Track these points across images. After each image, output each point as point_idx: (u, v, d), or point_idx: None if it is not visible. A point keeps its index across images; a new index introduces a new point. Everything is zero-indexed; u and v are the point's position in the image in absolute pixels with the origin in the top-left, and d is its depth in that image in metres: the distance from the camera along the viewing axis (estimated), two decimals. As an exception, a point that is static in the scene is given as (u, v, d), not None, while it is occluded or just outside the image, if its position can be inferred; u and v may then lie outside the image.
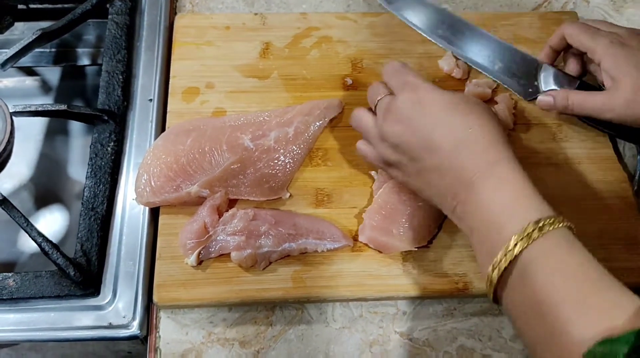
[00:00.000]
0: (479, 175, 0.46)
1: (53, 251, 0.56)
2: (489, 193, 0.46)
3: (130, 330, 0.54)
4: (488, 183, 0.46)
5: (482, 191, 0.46)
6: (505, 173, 0.47)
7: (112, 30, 0.70)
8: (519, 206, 0.45)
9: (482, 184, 0.46)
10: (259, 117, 0.63)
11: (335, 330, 0.56)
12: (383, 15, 0.72)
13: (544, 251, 0.42)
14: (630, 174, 0.64)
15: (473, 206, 0.46)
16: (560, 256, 0.42)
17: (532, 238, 0.42)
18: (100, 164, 0.62)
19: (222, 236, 0.56)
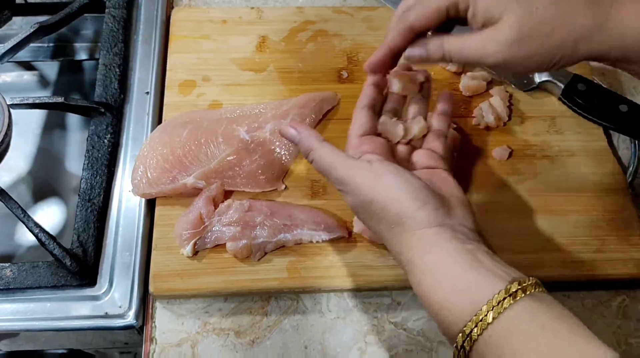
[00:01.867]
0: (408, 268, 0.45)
1: (50, 242, 0.56)
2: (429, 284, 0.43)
3: (126, 319, 0.55)
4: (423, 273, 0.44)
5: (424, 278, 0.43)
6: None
7: (109, 24, 0.70)
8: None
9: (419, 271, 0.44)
10: (255, 109, 0.63)
11: (330, 320, 0.56)
12: (379, 9, 0.72)
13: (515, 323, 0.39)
14: (624, 166, 0.64)
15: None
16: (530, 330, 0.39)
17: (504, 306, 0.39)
18: (97, 156, 0.62)
19: (217, 227, 0.56)
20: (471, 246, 0.43)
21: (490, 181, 0.61)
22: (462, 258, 0.42)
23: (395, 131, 0.52)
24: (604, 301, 0.58)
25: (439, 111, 0.54)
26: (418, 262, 0.44)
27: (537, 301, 0.40)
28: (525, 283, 0.40)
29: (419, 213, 0.44)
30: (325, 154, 0.47)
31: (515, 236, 0.58)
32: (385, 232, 0.46)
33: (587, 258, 0.58)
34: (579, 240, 0.58)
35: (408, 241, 0.44)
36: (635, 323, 0.57)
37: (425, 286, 0.43)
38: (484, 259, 0.42)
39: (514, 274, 0.41)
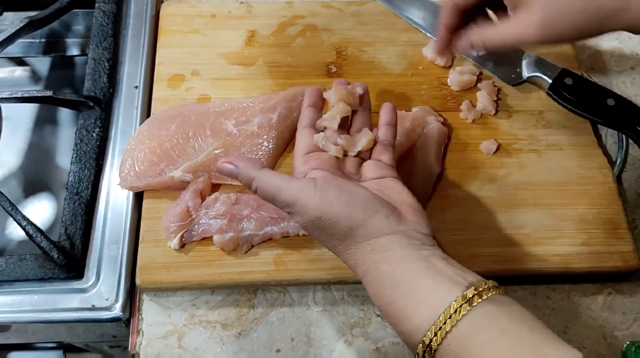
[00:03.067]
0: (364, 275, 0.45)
1: (37, 235, 0.56)
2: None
3: (112, 312, 0.55)
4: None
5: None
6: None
7: (99, 18, 0.70)
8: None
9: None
10: (243, 103, 0.63)
11: (317, 313, 0.56)
12: (368, 3, 0.72)
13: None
14: (611, 160, 0.64)
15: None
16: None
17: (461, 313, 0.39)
18: (85, 149, 0.62)
19: (204, 220, 0.57)
20: (426, 252, 0.43)
21: (478, 174, 0.62)
22: (418, 266, 0.42)
23: (336, 146, 0.51)
24: (589, 294, 0.58)
25: (383, 122, 0.53)
26: (374, 273, 0.44)
27: (495, 304, 0.40)
28: (481, 287, 0.40)
29: (370, 222, 0.44)
30: (268, 179, 0.47)
31: (501, 230, 0.58)
32: (339, 246, 0.46)
33: (573, 251, 0.58)
34: (565, 234, 0.59)
35: (362, 253, 0.44)
36: (621, 316, 0.57)
37: (383, 297, 0.43)
38: (440, 265, 0.42)
39: (470, 278, 0.41)
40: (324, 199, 0.44)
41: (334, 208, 0.44)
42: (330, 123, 0.52)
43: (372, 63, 0.68)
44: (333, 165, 0.50)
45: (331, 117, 0.52)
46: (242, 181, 0.48)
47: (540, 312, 0.57)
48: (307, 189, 0.45)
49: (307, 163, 0.50)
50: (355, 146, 0.52)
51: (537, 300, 0.58)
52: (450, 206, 0.60)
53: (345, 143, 0.51)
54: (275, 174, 0.47)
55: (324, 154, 0.51)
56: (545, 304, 0.58)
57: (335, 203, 0.44)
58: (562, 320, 0.57)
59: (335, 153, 0.51)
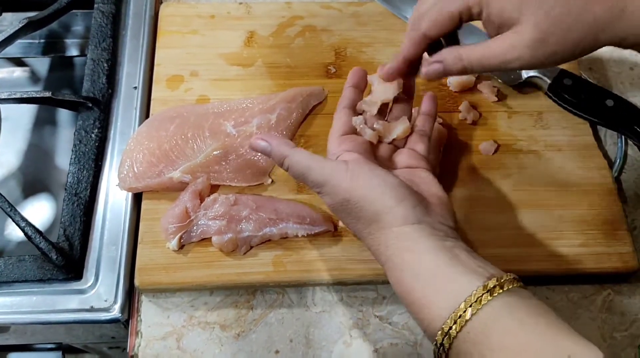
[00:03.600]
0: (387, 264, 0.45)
1: (36, 236, 0.56)
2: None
3: (111, 313, 0.55)
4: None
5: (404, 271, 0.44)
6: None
7: (98, 19, 0.70)
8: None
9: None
10: (242, 104, 0.63)
11: (315, 314, 0.56)
12: (367, 4, 0.72)
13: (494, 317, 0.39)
14: (611, 161, 0.64)
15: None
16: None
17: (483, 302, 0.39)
18: (84, 150, 0.62)
19: (203, 221, 0.56)
20: (450, 243, 0.43)
21: (477, 175, 0.62)
22: (441, 256, 0.42)
23: (372, 130, 0.52)
24: (588, 295, 0.58)
25: (423, 111, 0.54)
26: (396, 260, 0.44)
27: (515, 296, 0.40)
28: (502, 279, 0.40)
29: (397, 210, 0.44)
30: (300, 158, 0.47)
31: (501, 231, 0.58)
32: (364, 230, 0.46)
33: (572, 253, 0.58)
34: (564, 234, 0.58)
35: (385, 239, 0.44)
36: (620, 317, 0.57)
37: (404, 285, 0.43)
38: (463, 256, 0.43)
39: (492, 270, 0.42)
40: (355, 181, 0.45)
41: (363, 191, 0.44)
42: (369, 107, 0.52)
43: (371, 64, 0.68)
44: (367, 150, 0.50)
45: (371, 101, 0.52)
46: (275, 158, 0.48)
47: (539, 313, 0.57)
48: (339, 171, 0.45)
49: (342, 144, 0.50)
50: (391, 133, 0.52)
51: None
52: (449, 207, 0.60)
53: (382, 129, 0.52)
54: (308, 154, 0.47)
55: (359, 137, 0.51)
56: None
57: (365, 187, 0.44)
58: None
59: (371, 137, 0.51)
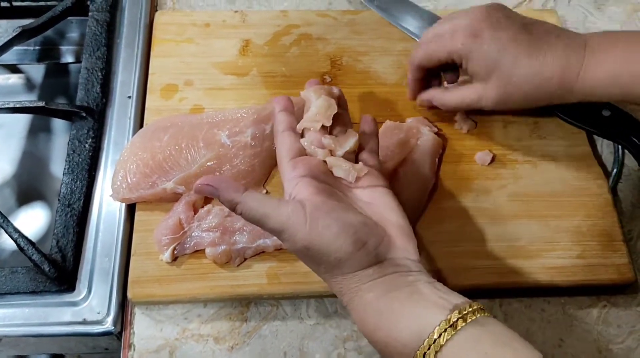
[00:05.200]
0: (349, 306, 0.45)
1: (28, 247, 0.56)
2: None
3: (104, 326, 0.54)
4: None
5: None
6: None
7: (92, 27, 0.70)
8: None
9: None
10: (237, 114, 0.63)
11: (310, 326, 0.56)
12: (363, 12, 0.72)
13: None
14: (607, 171, 0.64)
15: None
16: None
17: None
18: (77, 160, 0.62)
19: (197, 233, 0.56)
20: (412, 278, 0.43)
21: (472, 186, 0.61)
22: (402, 293, 0.42)
23: (322, 149, 0.49)
24: (584, 307, 0.58)
25: (367, 132, 0.52)
26: (359, 302, 0.43)
27: (479, 327, 0.39)
28: (465, 310, 0.40)
29: (359, 255, 0.43)
30: (253, 205, 0.44)
31: (496, 242, 0.58)
32: (325, 274, 0.45)
33: (568, 264, 0.57)
34: (560, 245, 0.58)
35: (348, 283, 0.44)
36: (616, 329, 0.57)
37: (368, 325, 0.43)
38: (425, 289, 0.42)
39: (455, 300, 0.41)
40: (314, 229, 0.43)
41: (323, 240, 0.43)
42: (312, 124, 0.49)
43: (367, 73, 0.68)
44: (322, 170, 0.47)
45: (312, 118, 0.49)
46: (225, 204, 0.45)
47: (535, 325, 0.57)
48: (296, 217, 0.43)
49: (295, 169, 0.47)
50: (343, 147, 0.49)
51: (532, 313, 0.57)
52: (445, 218, 0.59)
53: (332, 143, 0.49)
54: (261, 199, 0.45)
55: (311, 158, 0.48)
56: (540, 317, 0.57)
57: (324, 235, 0.43)
58: (556, 333, 0.57)
59: (323, 156, 0.48)
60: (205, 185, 0.45)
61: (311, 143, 0.49)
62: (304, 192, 0.45)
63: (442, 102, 0.61)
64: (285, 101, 0.52)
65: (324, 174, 0.47)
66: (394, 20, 0.71)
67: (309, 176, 0.46)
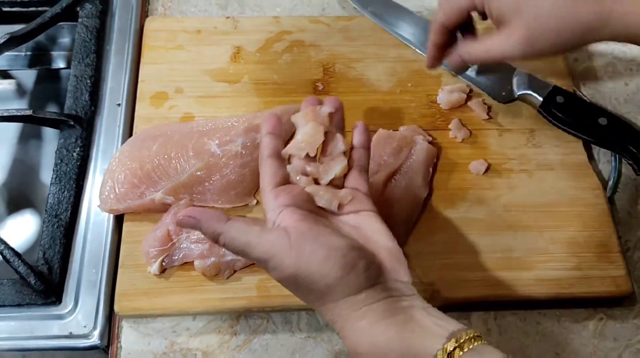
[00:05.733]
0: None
1: (14, 259, 0.55)
2: None
3: (90, 340, 0.53)
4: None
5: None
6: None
7: (82, 34, 0.69)
8: None
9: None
10: (227, 122, 0.62)
11: (301, 340, 0.55)
12: (356, 18, 0.71)
13: None
14: (604, 181, 0.63)
15: None
16: None
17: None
18: (65, 170, 0.61)
19: (185, 244, 0.55)
20: (406, 303, 0.41)
21: (467, 196, 0.60)
22: (396, 320, 0.41)
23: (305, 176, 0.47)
24: (581, 320, 0.57)
25: (356, 144, 0.49)
26: (351, 329, 0.42)
27: (477, 356, 0.38)
28: (462, 338, 0.38)
29: (348, 279, 0.41)
30: (236, 235, 0.42)
31: (490, 253, 0.57)
32: (315, 302, 0.43)
33: (563, 276, 0.56)
34: (555, 257, 0.57)
35: (339, 310, 0.42)
36: (613, 342, 0.56)
37: (361, 353, 0.41)
38: (419, 316, 0.41)
39: (451, 327, 0.40)
40: (300, 256, 0.41)
41: (310, 266, 0.41)
42: (297, 151, 0.47)
43: (360, 80, 0.67)
44: (306, 199, 0.45)
45: (298, 145, 0.47)
46: (207, 235, 0.44)
47: (530, 338, 0.56)
48: (281, 245, 0.41)
49: (278, 198, 0.45)
50: (328, 174, 0.47)
51: (527, 326, 0.56)
52: (439, 228, 0.58)
53: (316, 171, 0.47)
54: (244, 228, 0.43)
55: (295, 187, 0.46)
56: (535, 330, 0.56)
57: (312, 261, 0.41)
58: (552, 346, 0.55)
59: (306, 184, 0.46)
60: (187, 217, 0.43)
61: (296, 172, 0.47)
62: (288, 220, 0.43)
63: (468, 53, 0.56)
64: (273, 123, 0.49)
65: (308, 202, 0.45)
66: (388, 27, 0.70)
67: (292, 205, 0.44)
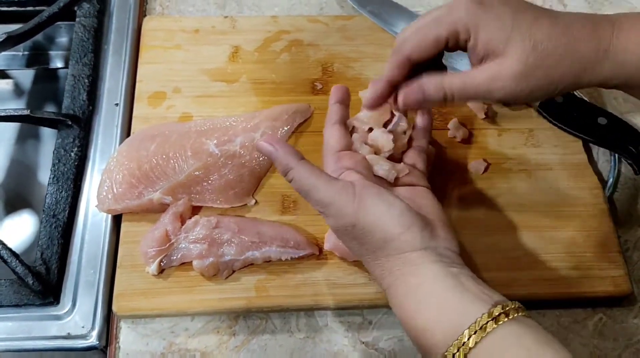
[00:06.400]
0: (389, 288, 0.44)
1: (12, 259, 0.54)
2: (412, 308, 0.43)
3: (88, 340, 0.53)
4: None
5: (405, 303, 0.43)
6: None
7: (79, 33, 0.69)
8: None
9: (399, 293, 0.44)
10: (226, 122, 0.61)
11: (300, 340, 0.55)
12: (355, 17, 0.71)
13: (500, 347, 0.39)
14: (603, 180, 0.63)
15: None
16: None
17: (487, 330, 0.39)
18: (63, 170, 0.60)
19: (184, 244, 0.55)
20: (455, 270, 0.43)
21: (466, 195, 0.60)
22: (446, 282, 0.42)
23: (383, 142, 0.51)
24: (580, 320, 0.57)
25: (419, 126, 0.53)
26: (400, 285, 0.43)
27: (521, 325, 0.39)
28: (508, 307, 0.40)
29: (404, 237, 0.43)
30: (305, 175, 0.45)
31: (489, 253, 0.57)
32: (368, 255, 0.45)
33: (563, 276, 0.56)
34: (554, 257, 0.57)
35: (390, 265, 0.43)
36: (612, 342, 0.56)
37: (407, 310, 0.43)
38: (468, 283, 0.42)
39: (497, 298, 0.41)
40: (362, 207, 0.43)
41: (370, 218, 0.43)
42: (361, 124, 0.51)
43: (359, 79, 0.67)
44: (367, 166, 0.48)
45: (363, 119, 0.51)
46: (279, 167, 0.46)
47: (530, 338, 0.56)
48: (346, 194, 0.44)
49: (340, 161, 0.48)
50: (387, 148, 0.51)
51: (527, 326, 0.56)
52: (438, 228, 0.58)
53: (378, 144, 0.51)
54: (314, 171, 0.45)
55: (357, 154, 0.49)
56: (535, 330, 0.56)
57: (372, 213, 0.43)
58: (551, 346, 0.55)
59: (368, 153, 0.50)
60: (267, 144, 0.46)
61: (360, 141, 0.51)
62: (349, 177, 0.46)
63: (440, 86, 0.45)
64: (342, 92, 0.53)
65: (367, 169, 0.48)
66: (386, 26, 0.70)
67: (353, 169, 0.47)
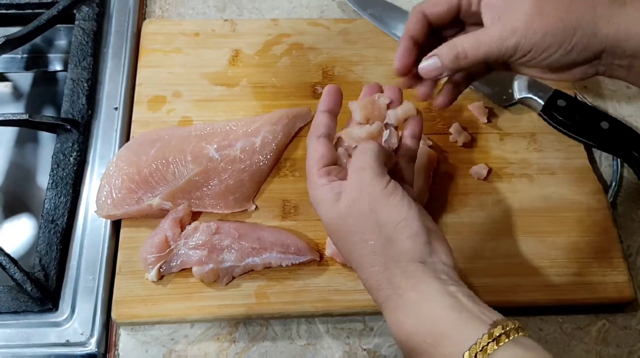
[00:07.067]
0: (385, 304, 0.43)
1: (10, 266, 0.54)
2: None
3: (87, 348, 0.53)
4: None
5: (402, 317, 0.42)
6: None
7: (78, 37, 0.68)
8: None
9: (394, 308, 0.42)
10: (226, 126, 0.61)
11: (300, 347, 0.54)
12: (356, 21, 0.70)
13: None
14: (606, 185, 0.62)
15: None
16: None
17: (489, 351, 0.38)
18: (62, 175, 0.60)
19: (183, 251, 0.54)
20: (453, 288, 0.41)
21: (468, 201, 0.60)
22: (445, 300, 0.40)
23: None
24: (583, 326, 0.56)
25: (408, 134, 0.50)
26: (398, 300, 0.42)
27: (521, 347, 0.38)
28: (508, 327, 0.39)
29: (408, 243, 0.42)
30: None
31: (491, 259, 0.56)
32: (365, 258, 0.43)
33: (565, 282, 0.56)
34: (557, 263, 0.57)
35: (388, 274, 0.42)
36: (615, 349, 0.55)
37: (405, 328, 0.41)
38: (466, 302, 0.41)
39: (495, 317, 0.40)
40: (390, 198, 0.42)
41: (391, 209, 0.42)
42: (350, 141, 0.48)
43: (360, 83, 0.66)
44: None
45: (351, 135, 0.48)
46: None
47: (532, 345, 0.55)
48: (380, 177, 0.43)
49: (329, 175, 0.45)
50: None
51: (529, 332, 0.55)
52: (439, 233, 0.58)
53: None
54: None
55: (343, 169, 0.46)
56: (537, 336, 0.56)
57: (394, 205, 0.42)
58: (554, 352, 0.54)
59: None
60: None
61: (345, 154, 0.48)
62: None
63: (476, 47, 0.45)
64: (333, 100, 0.49)
65: None
66: (387, 29, 0.69)
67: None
